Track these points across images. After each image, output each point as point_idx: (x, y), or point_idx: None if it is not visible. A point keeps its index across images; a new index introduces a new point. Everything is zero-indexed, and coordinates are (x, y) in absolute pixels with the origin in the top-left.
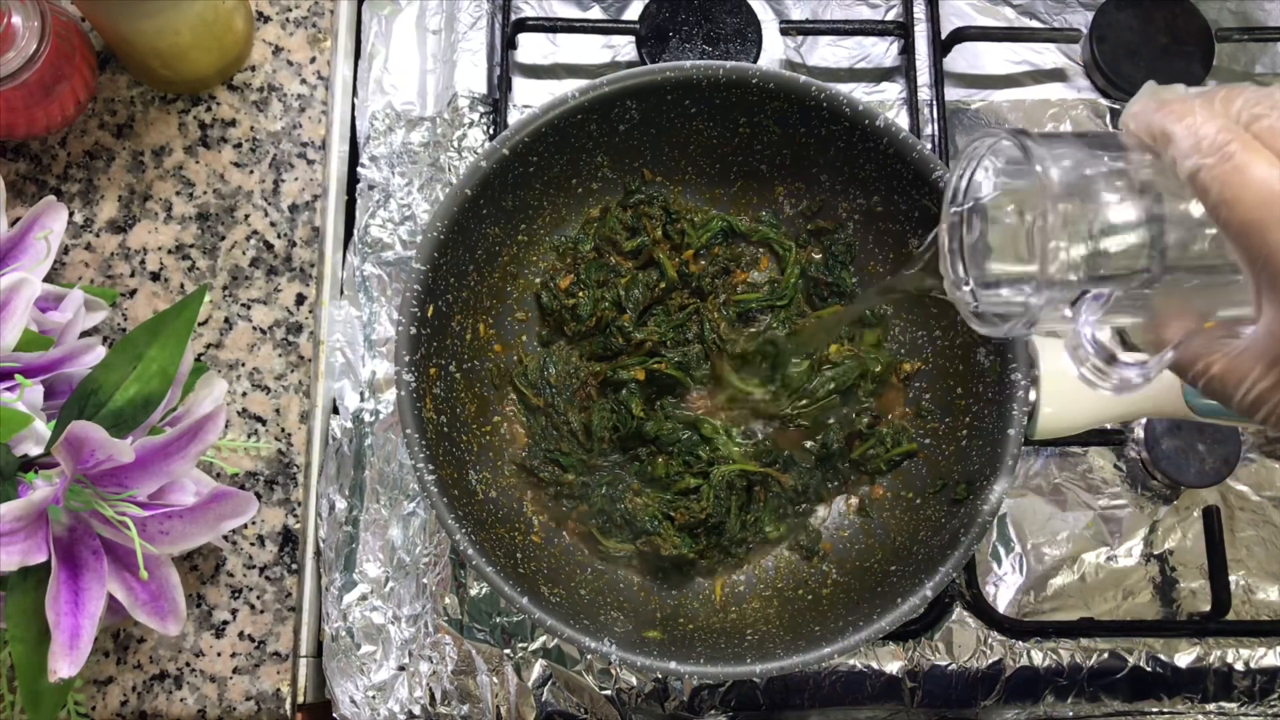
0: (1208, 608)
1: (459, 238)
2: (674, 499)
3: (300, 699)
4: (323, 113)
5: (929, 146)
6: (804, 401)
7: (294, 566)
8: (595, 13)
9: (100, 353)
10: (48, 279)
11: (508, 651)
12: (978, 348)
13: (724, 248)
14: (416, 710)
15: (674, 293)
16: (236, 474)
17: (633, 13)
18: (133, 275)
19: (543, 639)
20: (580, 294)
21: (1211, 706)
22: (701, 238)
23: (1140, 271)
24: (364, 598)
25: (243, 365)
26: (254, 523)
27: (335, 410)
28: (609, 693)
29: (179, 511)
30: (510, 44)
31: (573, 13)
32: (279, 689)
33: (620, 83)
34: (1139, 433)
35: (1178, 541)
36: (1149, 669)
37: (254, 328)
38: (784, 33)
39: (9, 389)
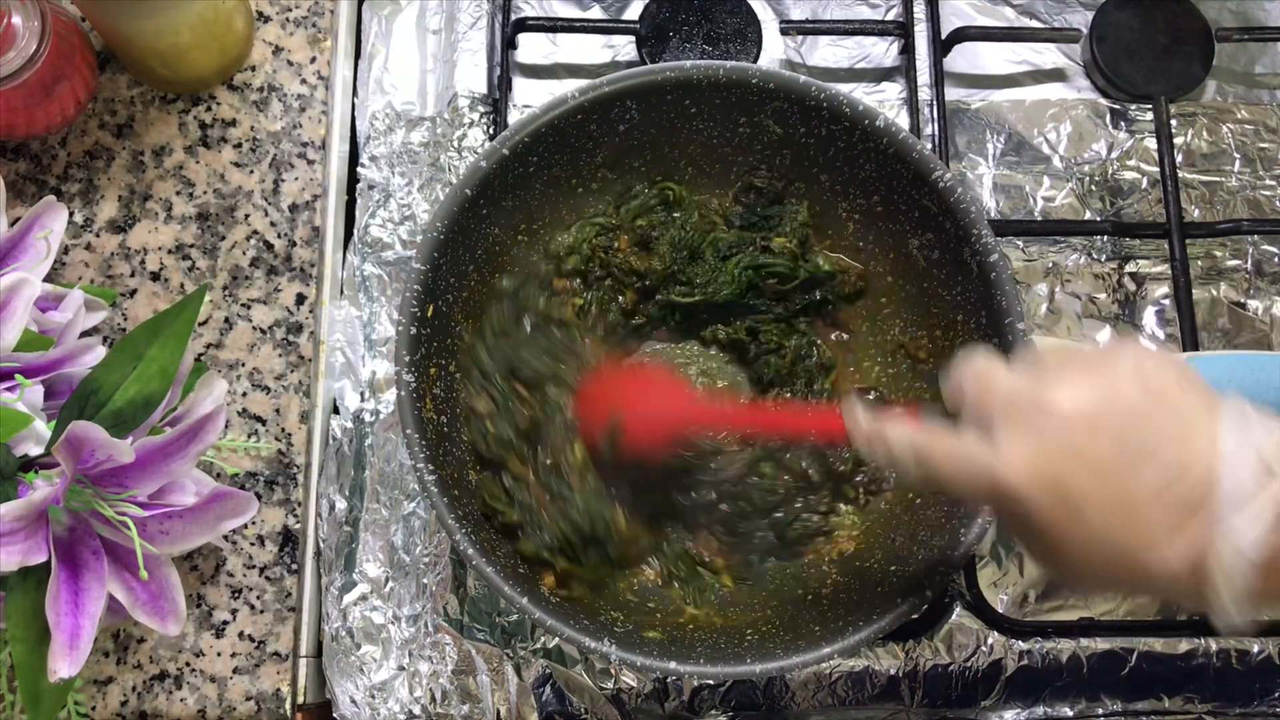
0: None
1: (459, 238)
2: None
3: (300, 699)
4: (323, 113)
5: (929, 146)
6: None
7: (294, 566)
8: (595, 13)
9: (100, 353)
10: (48, 279)
11: (508, 651)
12: (978, 348)
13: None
14: (416, 710)
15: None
16: (236, 474)
17: (633, 13)
18: (133, 275)
19: (543, 639)
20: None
21: (1211, 706)
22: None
23: None
24: (364, 598)
25: (243, 365)
26: (254, 523)
27: (335, 410)
28: (609, 693)
29: (179, 511)
30: (510, 44)
31: (573, 13)
32: (279, 689)
33: (620, 83)
34: None
35: None
36: (1149, 669)
37: (254, 328)
38: (784, 33)
39: (9, 389)
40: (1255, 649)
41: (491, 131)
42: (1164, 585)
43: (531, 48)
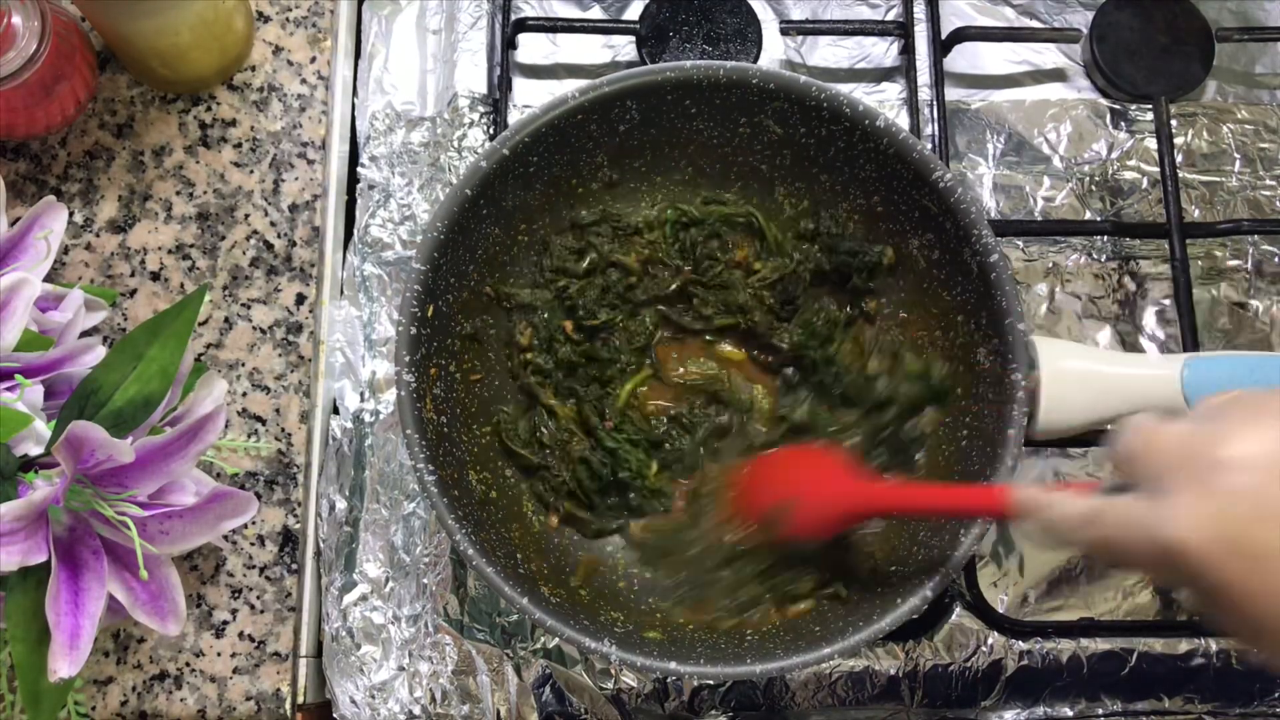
0: None
1: (459, 238)
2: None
3: (300, 699)
4: (323, 113)
5: (929, 146)
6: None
7: (294, 566)
8: (595, 13)
9: (100, 353)
10: (48, 279)
11: (508, 651)
12: (978, 348)
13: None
14: (416, 710)
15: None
16: (236, 474)
17: (633, 13)
18: (133, 275)
19: (543, 639)
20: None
21: (1211, 706)
22: (656, 233)
23: None
24: (364, 598)
25: (243, 365)
26: (254, 523)
27: (335, 410)
28: (609, 693)
29: (179, 511)
30: (510, 44)
31: (573, 13)
32: (279, 689)
33: (620, 83)
34: None
35: None
36: (1149, 669)
37: (254, 328)
38: (784, 33)
39: (9, 389)
40: (1255, 649)
41: (491, 131)
42: None
43: (531, 48)
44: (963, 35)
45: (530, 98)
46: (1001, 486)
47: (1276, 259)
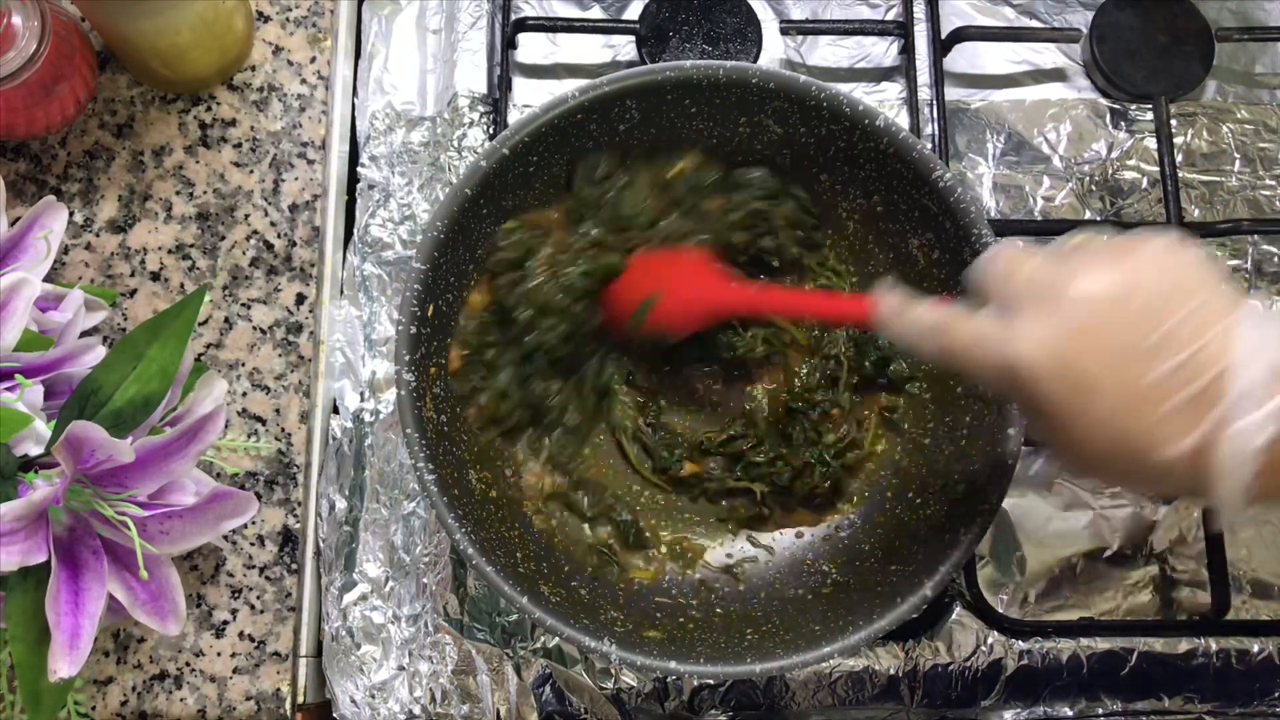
0: (1208, 607)
1: (459, 237)
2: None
3: (300, 699)
4: (323, 113)
5: (929, 146)
6: None
7: (294, 566)
8: (595, 12)
9: (100, 353)
10: (48, 279)
11: (508, 651)
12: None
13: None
14: (416, 710)
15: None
16: (236, 474)
17: (633, 12)
18: (133, 275)
19: (543, 639)
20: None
21: (1211, 706)
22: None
23: None
24: (364, 598)
25: (243, 365)
26: (254, 523)
27: (335, 410)
28: (609, 692)
29: (179, 511)
30: (510, 44)
31: (573, 12)
32: (279, 689)
33: (620, 83)
34: None
35: (1178, 541)
36: (1149, 669)
37: (254, 328)
38: (784, 32)
39: (9, 389)
40: (1255, 649)
41: (491, 131)
42: (1164, 477)
43: (531, 48)
44: (962, 35)
45: (530, 98)
46: (868, 297)
47: (1276, 259)
